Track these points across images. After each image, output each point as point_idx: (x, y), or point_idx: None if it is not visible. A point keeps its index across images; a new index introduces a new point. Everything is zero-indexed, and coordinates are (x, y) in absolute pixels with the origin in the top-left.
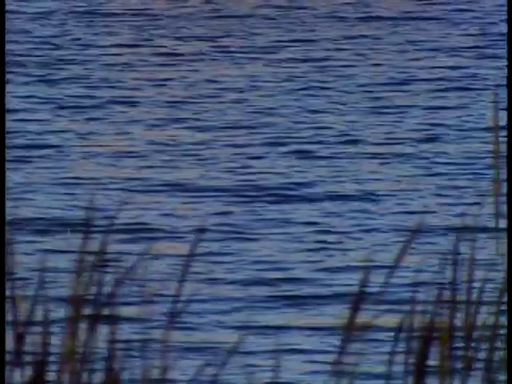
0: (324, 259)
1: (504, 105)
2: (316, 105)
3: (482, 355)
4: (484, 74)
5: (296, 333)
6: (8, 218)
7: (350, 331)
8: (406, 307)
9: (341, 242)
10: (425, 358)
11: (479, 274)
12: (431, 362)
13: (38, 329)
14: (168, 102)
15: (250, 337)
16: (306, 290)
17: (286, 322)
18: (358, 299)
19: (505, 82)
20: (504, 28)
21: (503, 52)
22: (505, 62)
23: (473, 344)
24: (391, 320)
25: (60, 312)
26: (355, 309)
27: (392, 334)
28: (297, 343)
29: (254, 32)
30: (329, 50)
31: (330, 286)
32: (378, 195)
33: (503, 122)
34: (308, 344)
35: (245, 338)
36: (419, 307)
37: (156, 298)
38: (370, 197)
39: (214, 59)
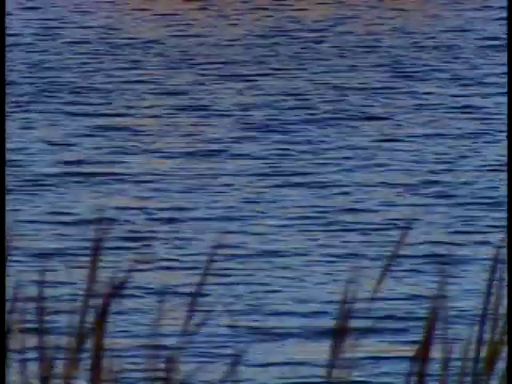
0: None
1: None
2: (326, 132)
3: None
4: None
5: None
6: (10, 245)
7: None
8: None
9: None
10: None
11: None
12: None
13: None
14: (170, 131)
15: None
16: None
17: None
18: (341, 332)
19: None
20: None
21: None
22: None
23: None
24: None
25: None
26: (339, 341)
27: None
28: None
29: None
30: (342, 77)
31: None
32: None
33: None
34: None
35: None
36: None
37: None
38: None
39: (212, 85)
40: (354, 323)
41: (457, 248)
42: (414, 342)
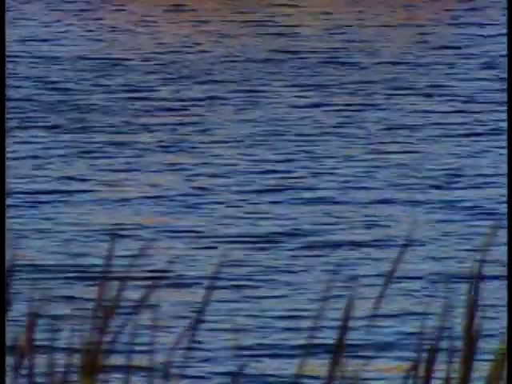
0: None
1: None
2: (329, 150)
3: None
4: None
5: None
6: (16, 262)
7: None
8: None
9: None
10: None
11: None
12: None
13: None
14: (178, 147)
15: None
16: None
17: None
18: (338, 349)
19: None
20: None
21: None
22: None
23: None
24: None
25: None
26: (336, 358)
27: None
28: None
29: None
30: (343, 94)
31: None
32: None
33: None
34: None
35: None
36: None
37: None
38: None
39: (223, 104)
40: (355, 340)
41: (462, 264)
42: (416, 361)
